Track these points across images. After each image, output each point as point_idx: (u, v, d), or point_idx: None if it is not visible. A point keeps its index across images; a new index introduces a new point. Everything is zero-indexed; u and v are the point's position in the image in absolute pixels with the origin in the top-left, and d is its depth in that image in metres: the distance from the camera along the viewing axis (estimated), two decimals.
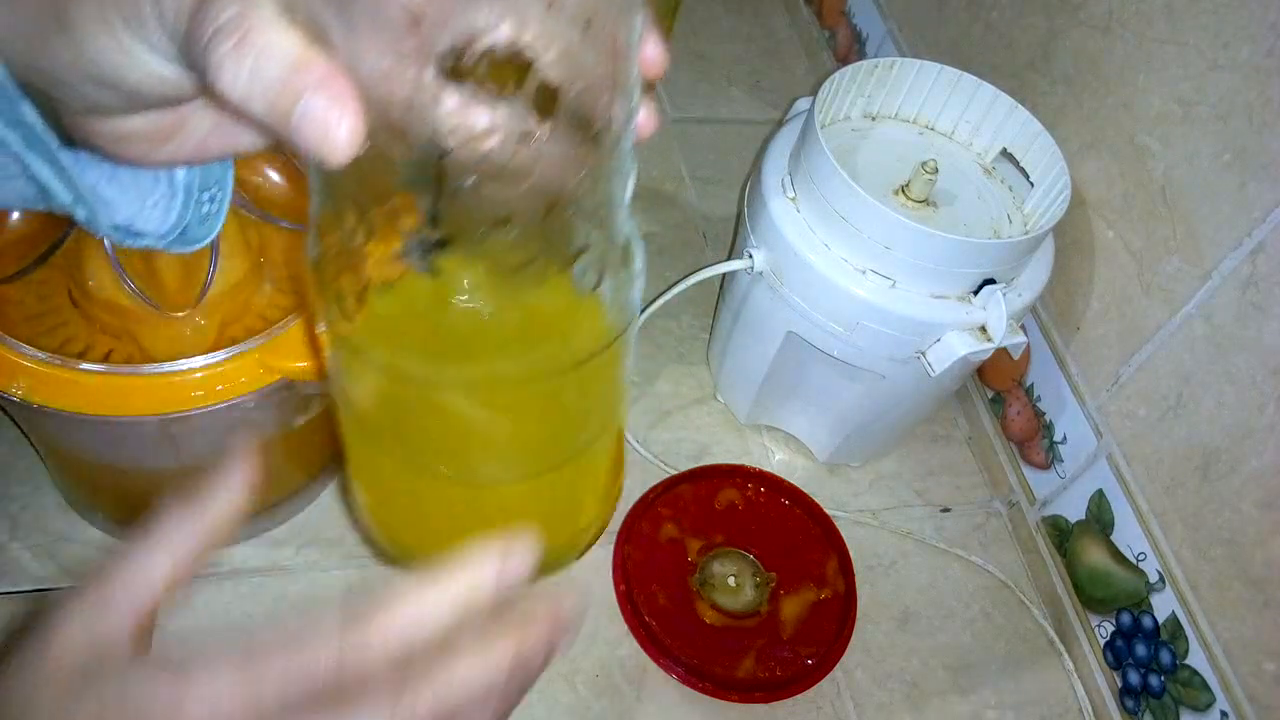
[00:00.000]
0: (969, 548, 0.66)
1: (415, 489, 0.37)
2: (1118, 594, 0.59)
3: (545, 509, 0.39)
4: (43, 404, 0.43)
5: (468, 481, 0.36)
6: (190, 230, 0.35)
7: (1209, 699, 0.53)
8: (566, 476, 0.38)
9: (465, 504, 0.37)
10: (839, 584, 0.61)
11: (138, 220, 0.34)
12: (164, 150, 0.30)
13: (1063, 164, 0.55)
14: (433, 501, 0.38)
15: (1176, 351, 0.55)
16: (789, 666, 0.57)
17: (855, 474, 0.69)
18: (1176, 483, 0.55)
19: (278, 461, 0.55)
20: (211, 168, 0.35)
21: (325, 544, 0.58)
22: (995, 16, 0.69)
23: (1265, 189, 0.49)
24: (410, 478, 0.36)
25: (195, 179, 0.34)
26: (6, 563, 0.54)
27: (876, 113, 0.62)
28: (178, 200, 0.34)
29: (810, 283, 0.55)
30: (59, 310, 0.48)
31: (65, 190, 0.31)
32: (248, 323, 0.50)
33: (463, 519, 0.38)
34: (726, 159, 0.86)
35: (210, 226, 0.36)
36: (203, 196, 0.35)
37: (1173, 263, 0.54)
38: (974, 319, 0.53)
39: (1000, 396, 0.70)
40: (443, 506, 0.38)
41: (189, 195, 0.34)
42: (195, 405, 0.44)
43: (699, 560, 0.61)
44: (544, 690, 0.55)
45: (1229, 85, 0.50)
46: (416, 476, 0.36)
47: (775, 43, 0.99)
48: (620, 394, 0.38)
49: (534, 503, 0.38)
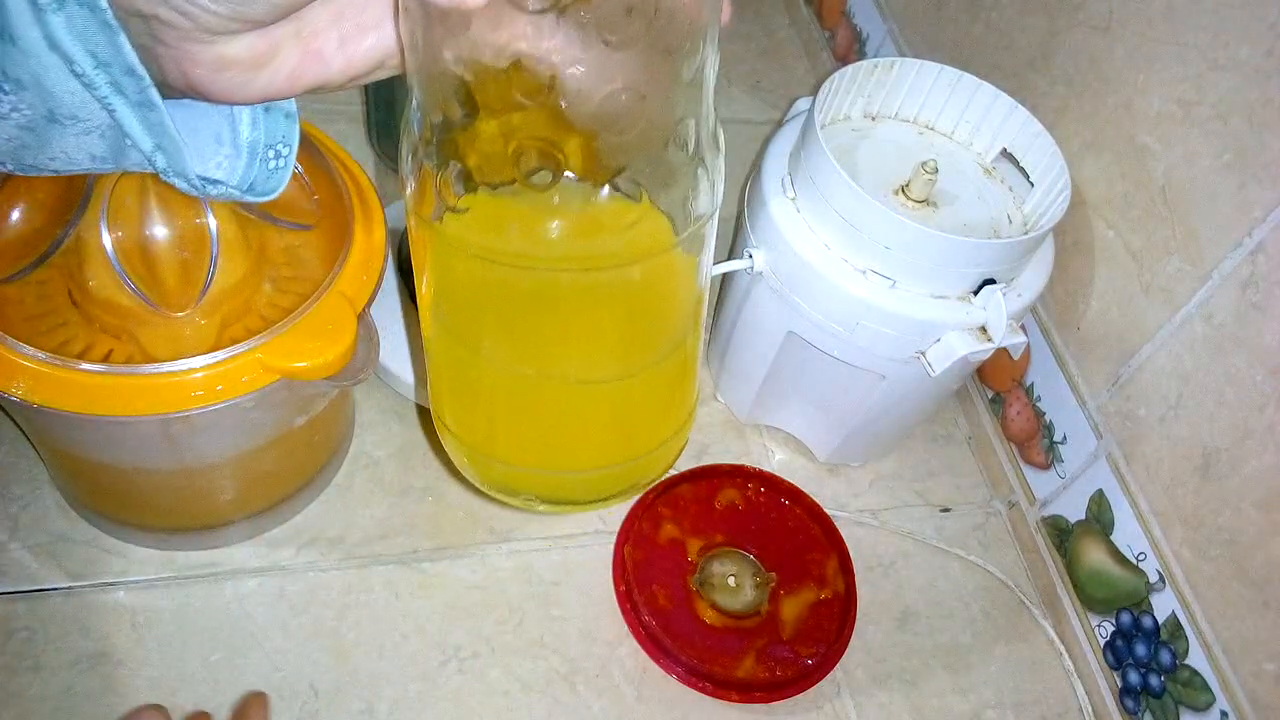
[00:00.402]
0: (969, 548, 0.66)
1: (504, 394, 0.38)
2: (1118, 594, 0.59)
3: (628, 415, 0.40)
4: (43, 404, 0.43)
5: (556, 379, 0.37)
6: (257, 185, 0.35)
7: (1209, 699, 0.53)
8: (648, 382, 0.39)
9: (550, 408, 0.38)
10: (839, 584, 0.61)
11: (211, 174, 0.34)
12: (258, 80, 0.30)
13: (1063, 164, 0.55)
14: (519, 406, 0.38)
15: (1176, 351, 0.55)
16: (789, 666, 0.57)
17: (855, 474, 0.69)
18: (1176, 483, 0.55)
19: (278, 461, 0.55)
20: (277, 123, 0.35)
21: (325, 544, 0.58)
22: (995, 16, 0.69)
23: (1265, 189, 0.49)
24: (499, 383, 0.38)
25: (260, 137, 0.34)
26: (6, 563, 0.54)
27: (876, 113, 0.62)
28: (241, 160, 0.34)
29: (810, 283, 0.55)
30: (59, 310, 0.48)
31: (148, 135, 0.30)
32: (248, 323, 0.50)
33: (546, 424, 0.39)
34: (726, 159, 0.86)
35: (278, 180, 0.36)
36: (267, 154, 0.35)
37: (1173, 263, 0.54)
38: (974, 319, 0.53)
39: (1000, 396, 0.70)
40: (529, 411, 0.39)
41: (253, 154, 0.35)
42: (195, 405, 0.44)
43: (699, 560, 0.61)
44: (544, 690, 0.55)
45: (1229, 85, 0.50)
46: (506, 381, 0.37)
47: (775, 43, 0.99)
48: (697, 302, 0.39)
49: (617, 407, 0.39)
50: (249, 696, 0.49)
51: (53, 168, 0.31)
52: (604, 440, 0.40)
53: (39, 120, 0.29)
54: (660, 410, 0.41)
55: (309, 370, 0.46)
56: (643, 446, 0.41)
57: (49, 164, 0.31)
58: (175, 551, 0.56)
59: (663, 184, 0.33)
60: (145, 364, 0.44)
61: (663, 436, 0.41)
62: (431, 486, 0.62)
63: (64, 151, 0.30)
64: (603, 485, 0.41)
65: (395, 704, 0.54)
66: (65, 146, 0.30)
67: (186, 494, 0.53)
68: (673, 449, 0.42)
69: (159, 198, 0.45)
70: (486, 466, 0.41)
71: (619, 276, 0.35)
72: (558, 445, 0.40)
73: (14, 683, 0.51)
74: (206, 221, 0.47)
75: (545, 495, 0.41)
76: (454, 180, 0.32)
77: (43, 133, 0.29)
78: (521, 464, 0.40)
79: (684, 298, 0.38)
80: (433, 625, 0.57)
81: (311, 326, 0.46)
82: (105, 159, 0.31)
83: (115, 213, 0.45)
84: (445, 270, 0.36)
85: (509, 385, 0.38)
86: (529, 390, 0.37)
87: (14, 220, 0.48)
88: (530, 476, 0.41)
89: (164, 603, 0.55)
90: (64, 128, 0.29)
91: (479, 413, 0.40)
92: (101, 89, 0.28)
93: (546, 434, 0.40)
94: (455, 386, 0.40)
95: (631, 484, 0.42)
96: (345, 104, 0.81)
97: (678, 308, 0.38)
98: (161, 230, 0.46)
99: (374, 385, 0.65)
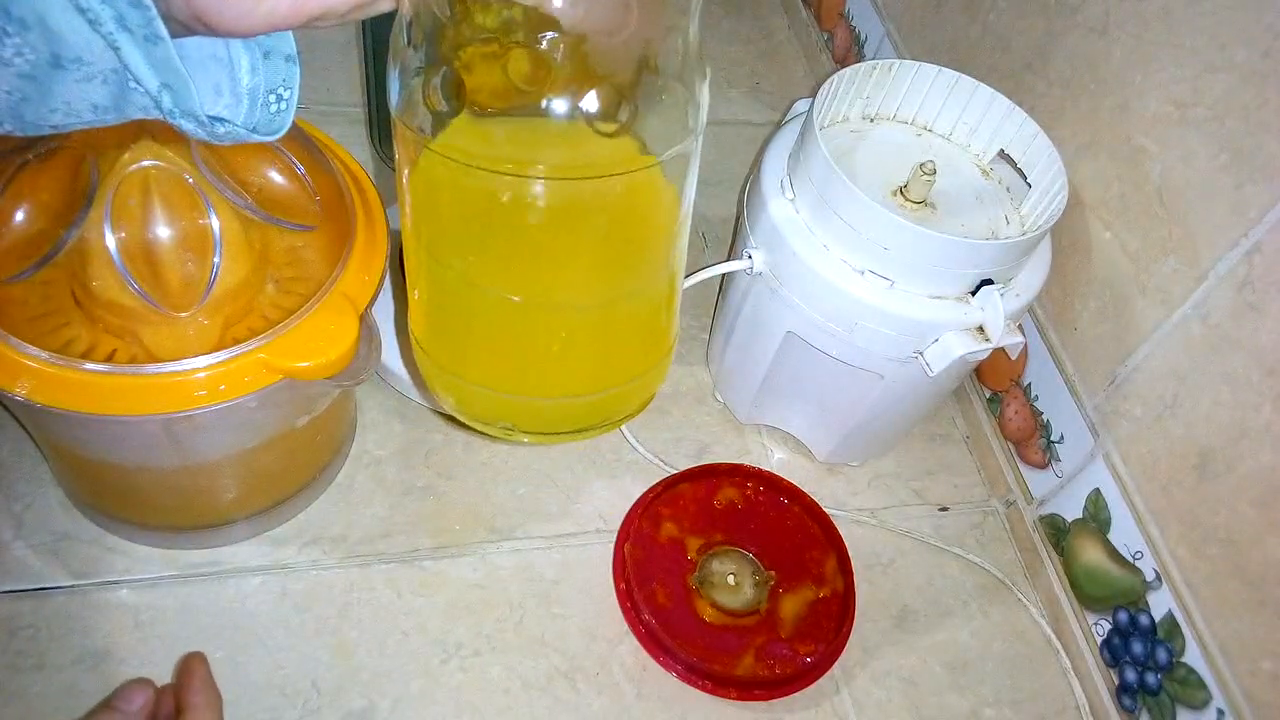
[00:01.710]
0: (967, 546, 0.67)
1: (483, 314, 0.38)
2: (1115, 592, 0.60)
3: (606, 342, 0.40)
4: (47, 404, 0.43)
5: (534, 299, 0.37)
6: (260, 128, 0.35)
7: (1205, 697, 0.53)
8: (626, 309, 0.39)
9: (528, 329, 0.38)
10: (838, 582, 0.61)
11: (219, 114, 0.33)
12: (262, 7, 0.30)
13: (1060, 165, 0.55)
14: (498, 327, 0.39)
15: (1173, 351, 0.55)
16: (788, 664, 0.58)
17: (854, 473, 0.69)
18: (1173, 482, 0.55)
19: (280, 461, 0.55)
20: (277, 68, 0.35)
21: (328, 542, 0.59)
22: (993, 18, 0.69)
23: (1261, 190, 0.49)
24: (478, 303, 0.38)
25: (260, 84, 0.34)
26: (10, 561, 0.55)
27: (875, 114, 0.62)
28: (242, 108, 0.34)
29: (809, 283, 0.55)
30: (63, 310, 0.48)
31: (153, 74, 0.30)
32: (251, 323, 0.50)
33: (524, 346, 0.39)
34: (726, 160, 0.86)
35: (282, 122, 0.36)
36: (268, 99, 0.35)
37: (1169, 263, 0.55)
38: (972, 319, 0.53)
39: (998, 396, 0.71)
40: (507, 333, 0.39)
41: (254, 101, 0.34)
42: (198, 405, 0.45)
43: (698, 559, 0.61)
44: (545, 688, 0.56)
45: (1225, 87, 0.51)
46: (485, 301, 0.37)
47: (774, 45, 1.00)
48: (677, 235, 0.39)
49: (596, 332, 0.39)
50: (187, 656, 0.48)
51: (53, 122, 0.30)
52: (581, 367, 0.40)
53: (42, 65, 0.28)
54: (638, 341, 0.41)
55: (311, 370, 0.46)
56: (620, 377, 0.41)
57: (49, 117, 0.30)
58: (178, 550, 0.57)
59: (646, 99, 0.33)
60: (148, 364, 0.45)
61: (639, 369, 0.41)
62: (433, 486, 0.62)
63: (66, 102, 0.30)
64: (580, 415, 0.41)
65: (397, 701, 0.54)
66: (67, 95, 0.29)
67: (189, 493, 0.54)
68: (650, 384, 0.42)
69: (162, 199, 0.46)
70: (463, 392, 0.41)
71: (599, 192, 0.35)
72: (535, 369, 0.40)
73: (17, 681, 0.51)
74: (209, 222, 0.47)
75: (522, 423, 0.41)
76: (442, 88, 0.32)
77: (45, 81, 0.29)
78: (499, 388, 0.40)
79: (663, 224, 0.38)
80: (434, 623, 0.57)
81: (314, 327, 0.47)
82: (107, 108, 0.30)
83: (119, 213, 0.45)
84: (429, 185, 0.36)
85: (488, 305, 0.38)
86: (507, 311, 0.37)
87: (18, 221, 0.48)
88: (507, 403, 0.40)
89: (167, 601, 0.55)
90: (67, 73, 0.29)
91: (458, 334, 0.40)
92: (107, 24, 0.28)
93: (524, 357, 0.39)
94: (435, 309, 0.40)
95: (607, 417, 0.41)
96: (346, 105, 0.81)
97: (657, 234, 0.38)
98: (165, 231, 0.46)
99: (376, 385, 0.66)
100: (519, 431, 0.42)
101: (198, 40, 0.32)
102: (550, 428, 0.42)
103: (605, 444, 0.67)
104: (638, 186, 0.36)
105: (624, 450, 0.67)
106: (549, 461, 0.65)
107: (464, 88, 0.32)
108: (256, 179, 0.52)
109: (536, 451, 0.65)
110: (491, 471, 0.64)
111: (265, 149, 0.50)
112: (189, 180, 0.46)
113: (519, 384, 0.40)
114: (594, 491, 0.64)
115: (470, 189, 0.35)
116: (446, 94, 0.32)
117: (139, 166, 0.45)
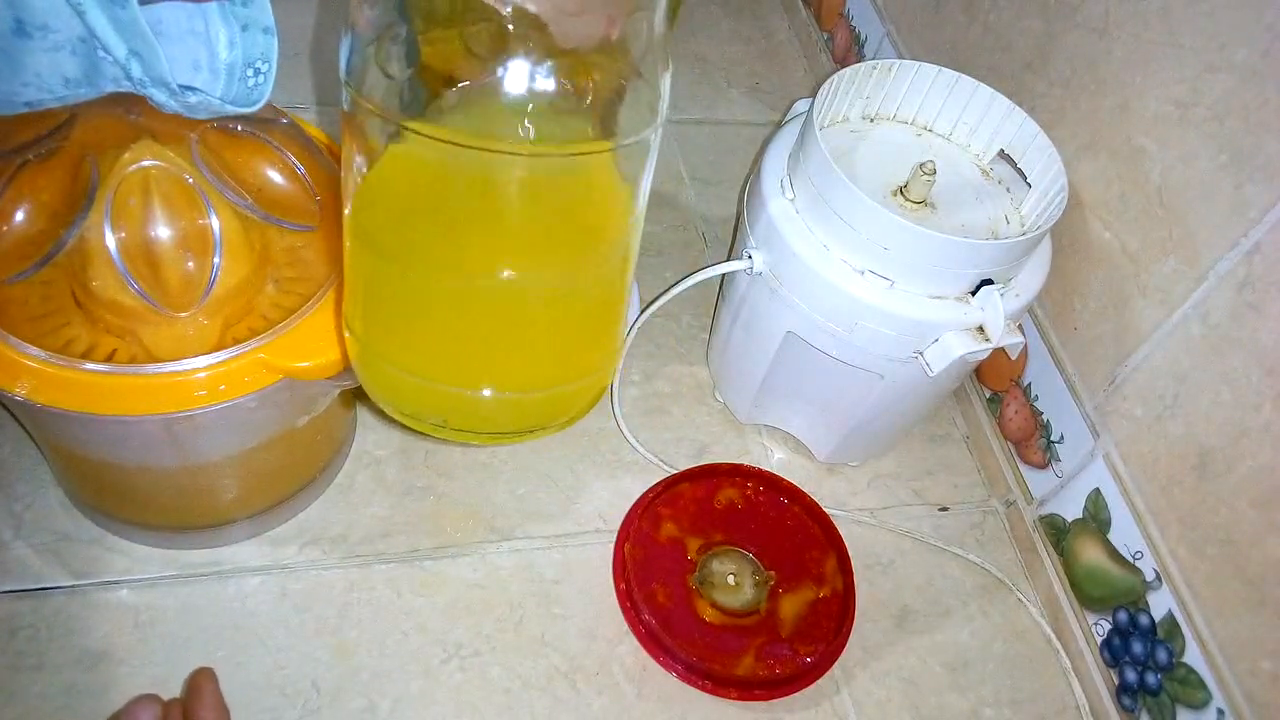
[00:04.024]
0: (966, 546, 0.67)
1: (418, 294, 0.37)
2: (1115, 592, 0.60)
3: (545, 332, 0.38)
4: (47, 404, 0.43)
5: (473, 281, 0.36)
6: (238, 100, 0.35)
7: (1205, 697, 0.53)
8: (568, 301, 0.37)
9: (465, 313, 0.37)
10: (838, 582, 0.61)
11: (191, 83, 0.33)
12: None
13: (1060, 165, 0.55)
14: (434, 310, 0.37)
15: (1173, 352, 0.55)
16: (788, 664, 0.58)
17: (854, 473, 0.69)
18: (1173, 482, 0.55)
19: (280, 460, 0.55)
20: (254, 41, 0.34)
21: (328, 542, 0.59)
22: (993, 19, 0.69)
23: (1261, 190, 0.49)
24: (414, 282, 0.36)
25: (238, 58, 0.34)
26: (10, 561, 0.55)
27: (875, 114, 0.62)
28: (220, 82, 0.34)
29: (809, 283, 0.55)
30: (63, 310, 0.48)
31: (120, 40, 0.29)
32: (251, 323, 0.50)
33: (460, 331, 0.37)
34: (726, 160, 0.86)
35: (259, 94, 0.35)
36: (246, 73, 0.35)
37: (1169, 264, 0.55)
38: (972, 319, 0.53)
39: (998, 396, 0.71)
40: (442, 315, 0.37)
41: (231, 75, 0.34)
42: (198, 405, 0.45)
43: (698, 559, 0.61)
44: (545, 688, 0.56)
45: (1225, 87, 0.51)
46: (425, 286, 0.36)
47: (774, 45, 1.00)
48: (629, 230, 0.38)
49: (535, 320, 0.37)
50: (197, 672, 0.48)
51: (26, 98, 0.30)
52: (516, 359, 0.38)
53: (6, 34, 0.28)
54: (578, 339, 0.39)
55: (311, 370, 0.46)
56: (557, 376, 0.39)
57: (22, 92, 0.30)
58: (178, 550, 0.57)
59: (606, 83, 0.33)
60: (149, 364, 0.45)
61: (578, 372, 0.39)
62: (433, 486, 0.62)
63: (36, 74, 0.29)
64: (512, 414, 0.39)
65: (397, 701, 0.54)
66: (37, 67, 0.29)
67: (189, 493, 0.54)
68: (589, 390, 0.40)
69: (162, 199, 0.46)
70: (395, 382, 0.39)
71: (549, 170, 0.34)
72: (468, 357, 0.38)
73: (17, 680, 0.51)
74: (209, 222, 0.47)
75: (453, 419, 0.39)
76: (398, 54, 0.32)
77: (12, 52, 0.28)
78: (431, 378, 0.38)
79: (615, 216, 0.37)
80: (434, 623, 0.57)
81: (314, 327, 0.47)
82: (79, 81, 0.30)
83: (119, 213, 0.45)
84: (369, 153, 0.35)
85: (425, 284, 0.36)
86: (443, 291, 0.36)
87: (18, 221, 0.48)
88: (438, 395, 0.39)
89: (167, 601, 0.55)
90: (33, 41, 0.28)
91: (391, 317, 0.38)
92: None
93: (457, 343, 0.37)
94: (369, 290, 0.38)
95: (540, 420, 0.40)
96: None
97: (607, 224, 0.37)
98: (165, 231, 0.46)
99: None
100: (449, 428, 0.40)
101: (175, 15, 0.31)
102: (481, 426, 0.40)
103: (605, 444, 0.67)
104: (590, 171, 0.35)
105: (624, 450, 0.67)
106: (549, 461, 0.65)
107: (420, 54, 0.32)
108: (256, 179, 0.52)
109: (536, 452, 0.65)
110: (491, 471, 0.64)
111: (265, 149, 0.50)
112: (189, 180, 0.46)
113: (451, 374, 0.38)
114: (594, 491, 0.64)
115: (414, 159, 0.34)
116: (401, 60, 0.32)
117: (139, 166, 0.45)
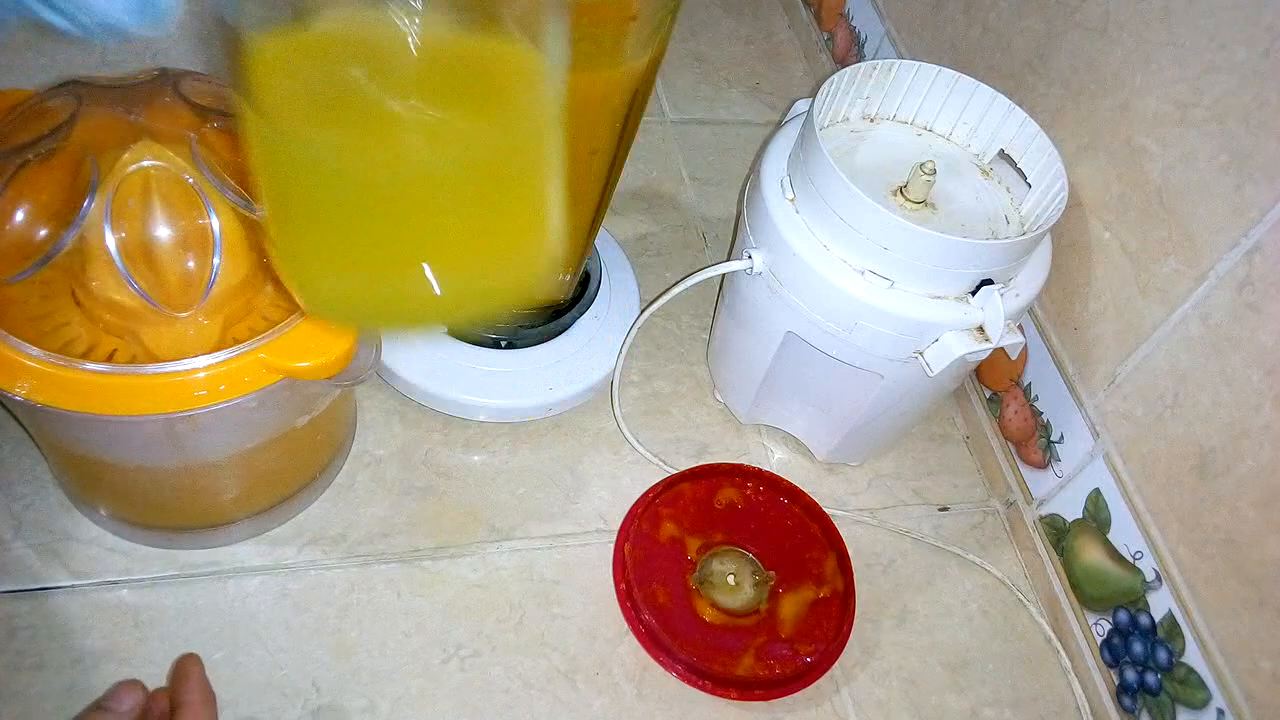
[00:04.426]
0: (967, 546, 0.67)
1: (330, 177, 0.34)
2: (1115, 592, 0.60)
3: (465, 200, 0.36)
4: (47, 404, 0.43)
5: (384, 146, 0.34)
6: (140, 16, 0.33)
7: (1205, 697, 0.53)
8: (488, 168, 0.35)
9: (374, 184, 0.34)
10: (838, 582, 0.61)
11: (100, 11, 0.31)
12: None
13: (1060, 165, 0.55)
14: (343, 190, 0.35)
15: (1173, 351, 0.55)
16: (788, 664, 0.58)
17: (854, 473, 0.69)
18: (1173, 482, 0.55)
19: (280, 461, 0.55)
20: None
21: (328, 543, 0.59)
22: (993, 18, 0.69)
23: (1261, 190, 0.49)
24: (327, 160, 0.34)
25: None
26: (10, 561, 0.55)
27: (875, 114, 0.62)
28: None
29: (809, 283, 0.55)
30: (63, 310, 0.48)
31: None
32: (251, 323, 0.50)
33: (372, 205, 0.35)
34: (726, 160, 0.86)
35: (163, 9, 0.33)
36: None
37: (1169, 264, 0.55)
38: (972, 319, 0.53)
39: (998, 396, 0.71)
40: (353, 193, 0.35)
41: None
42: (199, 405, 0.45)
43: (698, 558, 0.61)
44: (544, 688, 0.56)
45: (1225, 87, 0.51)
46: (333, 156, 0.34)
47: (774, 45, 1.00)
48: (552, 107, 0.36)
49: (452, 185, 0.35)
50: (183, 657, 0.48)
51: None
52: (430, 229, 0.36)
53: None
54: (496, 214, 0.37)
55: (311, 370, 0.46)
56: (475, 254, 0.37)
57: None
58: (178, 550, 0.57)
59: None
60: (148, 364, 0.45)
61: (498, 250, 0.37)
62: (433, 486, 0.62)
63: None
64: (432, 298, 0.36)
65: (397, 701, 0.54)
66: None
67: (189, 493, 0.54)
68: (514, 273, 0.38)
69: (162, 199, 0.46)
70: (315, 276, 0.37)
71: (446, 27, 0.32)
72: (381, 231, 0.35)
73: (17, 680, 0.51)
74: (209, 222, 0.47)
75: (372, 305, 0.37)
76: None
77: None
78: (347, 260, 0.36)
79: (519, 76, 0.35)
80: (434, 623, 0.57)
81: (314, 327, 0.47)
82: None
83: (118, 213, 0.45)
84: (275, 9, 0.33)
85: (333, 154, 0.33)
86: (353, 159, 0.33)
87: (18, 221, 0.48)
88: (357, 282, 0.37)
89: (167, 601, 0.55)
90: None
91: (306, 206, 0.35)
92: None
93: (369, 216, 0.35)
94: (285, 185, 0.35)
95: (460, 303, 0.37)
96: None
97: (529, 81, 0.35)
98: (164, 231, 0.46)
99: (376, 385, 0.66)
100: (372, 315, 0.38)
101: None
102: (399, 314, 0.38)
103: (605, 444, 0.67)
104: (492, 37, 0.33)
105: (624, 450, 0.67)
106: (549, 461, 0.65)
107: None
108: None
109: (536, 451, 0.65)
110: (491, 471, 0.64)
111: None
112: (189, 180, 0.46)
113: (367, 256, 0.36)
114: (594, 491, 0.64)
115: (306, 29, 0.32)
116: None
117: (139, 166, 0.45)
